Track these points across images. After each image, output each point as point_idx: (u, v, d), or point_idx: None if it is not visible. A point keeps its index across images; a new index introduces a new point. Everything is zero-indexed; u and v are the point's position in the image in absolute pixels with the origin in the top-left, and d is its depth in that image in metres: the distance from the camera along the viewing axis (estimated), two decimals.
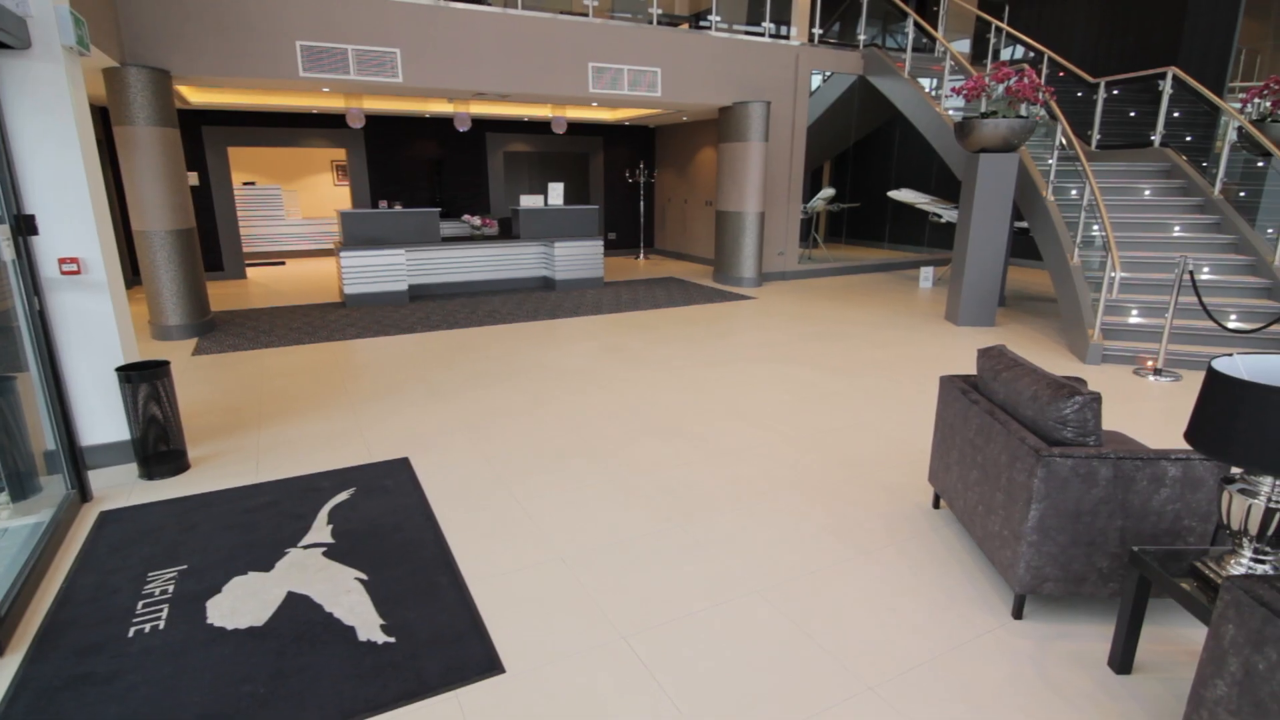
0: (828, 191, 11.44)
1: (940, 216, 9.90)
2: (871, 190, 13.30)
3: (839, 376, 5.33)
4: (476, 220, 9.24)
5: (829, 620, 2.39)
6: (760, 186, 9.16)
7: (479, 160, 11.97)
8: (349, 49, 6.81)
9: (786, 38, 9.63)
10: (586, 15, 8.01)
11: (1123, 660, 2.13)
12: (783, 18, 9.86)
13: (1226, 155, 6.96)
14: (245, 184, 12.24)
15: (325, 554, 2.77)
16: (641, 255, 12.82)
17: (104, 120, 8.52)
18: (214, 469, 3.62)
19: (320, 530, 2.96)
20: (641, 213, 12.87)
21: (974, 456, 2.65)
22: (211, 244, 9.81)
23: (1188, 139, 7.83)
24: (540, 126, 11.98)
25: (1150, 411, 4.58)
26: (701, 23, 9.17)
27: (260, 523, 3.03)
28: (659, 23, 8.50)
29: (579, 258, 9.29)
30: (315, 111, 10.26)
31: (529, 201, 9.23)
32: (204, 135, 9.63)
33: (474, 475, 3.55)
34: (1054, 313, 7.80)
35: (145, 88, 5.94)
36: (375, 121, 10.80)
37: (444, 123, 11.28)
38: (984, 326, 7.06)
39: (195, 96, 8.38)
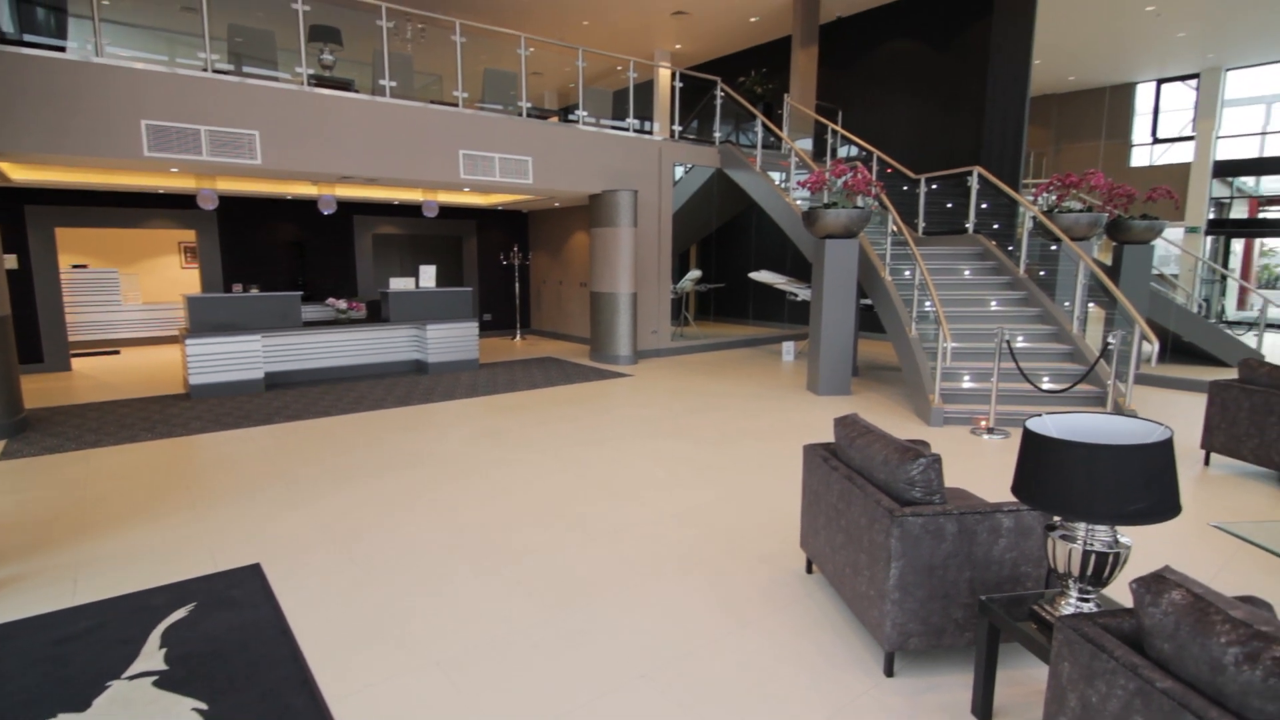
0: (695, 273, 12.07)
1: (796, 295, 10.67)
2: (734, 271, 14.17)
3: (714, 449, 5.49)
4: (342, 303, 8.89)
5: (716, 698, 2.38)
6: (631, 268, 9.51)
7: (345, 242, 11.63)
8: (202, 129, 6.52)
9: (650, 133, 10.29)
10: (457, 105, 8.18)
11: (983, 707, 2.26)
12: (645, 114, 10.56)
13: (1026, 241, 8.09)
14: (75, 266, 11.13)
15: (156, 683, 2.43)
16: (518, 336, 12.79)
17: None
18: (19, 594, 3.11)
19: (151, 656, 2.60)
20: (517, 294, 12.94)
21: (838, 520, 2.79)
22: (30, 333, 8.74)
23: (995, 226, 9.04)
24: (411, 209, 11.89)
25: (986, 467, 5.05)
26: (570, 117, 9.62)
27: (76, 653, 2.62)
28: (529, 115, 8.83)
29: (453, 340, 9.13)
30: (161, 191, 9.63)
31: (399, 284, 9.03)
32: (26, 215, 8.73)
33: (337, 578, 3.28)
34: (900, 380, 8.52)
35: None
36: (230, 202, 10.28)
37: (307, 204, 10.93)
38: (841, 395, 7.58)
39: (18, 173, 7.63)
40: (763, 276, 10.66)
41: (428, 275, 9.28)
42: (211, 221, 10.26)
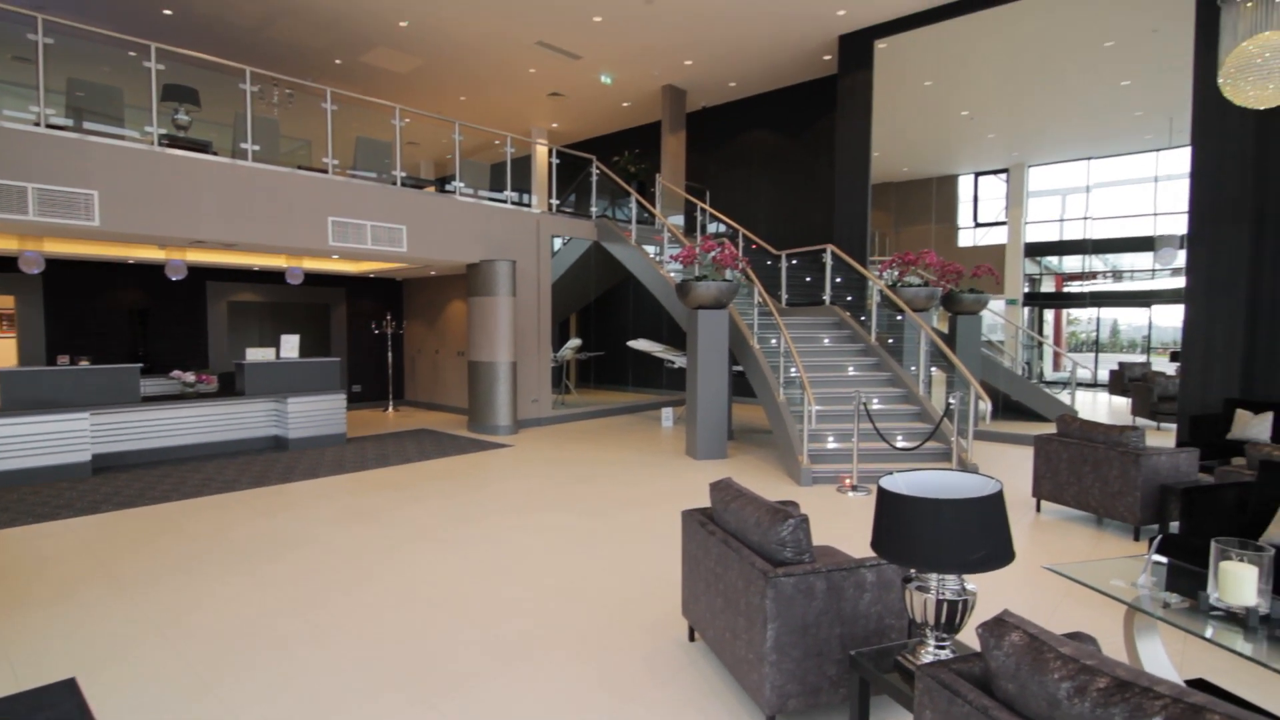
0: (575, 342, 12.17)
1: (674, 363, 11.00)
2: (613, 340, 14.43)
3: (595, 519, 5.44)
4: (190, 376, 8.16)
5: None
6: (510, 337, 9.45)
7: (197, 311, 10.79)
8: (29, 187, 5.92)
9: (528, 205, 10.47)
10: (326, 172, 7.96)
11: None
12: (524, 187, 10.75)
13: (875, 312, 8.87)
14: None
15: None
16: (390, 407, 12.23)
17: None
18: None
19: None
20: (390, 364, 12.43)
21: (716, 585, 2.84)
22: None
23: (849, 299, 9.85)
24: (274, 276, 11.25)
25: (852, 524, 5.33)
26: (447, 187, 9.61)
27: None
28: (404, 184, 8.74)
29: (317, 413, 8.58)
30: None
31: (257, 355, 8.44)
32: None
33: (170, 686, 2.90)
34: (772, 443, 8.90)
35: None
36: (60, 265, 9.29)
37: (153, 269, 10.07)
38: (719, 459, 7.80)
39: None
40: (641, 345, 10.92)
41: (290, 345, 8.75)
42: (35, 286, 9.21)
